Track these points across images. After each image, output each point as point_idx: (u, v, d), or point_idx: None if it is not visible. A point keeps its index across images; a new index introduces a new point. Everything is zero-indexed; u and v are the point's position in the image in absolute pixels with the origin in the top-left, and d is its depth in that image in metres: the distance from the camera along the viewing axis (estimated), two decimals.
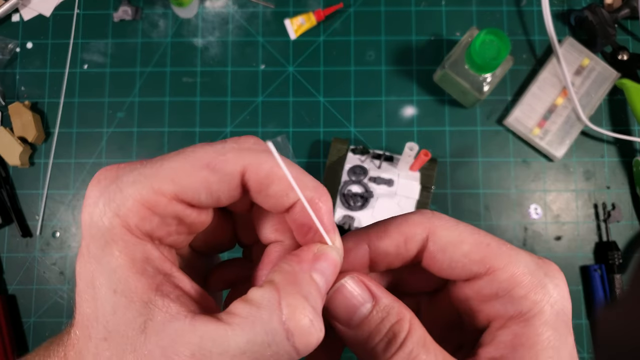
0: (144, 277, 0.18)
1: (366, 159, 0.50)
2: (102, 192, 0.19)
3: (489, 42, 0.47)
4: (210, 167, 0.18)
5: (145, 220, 0.19)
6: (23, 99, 0.56)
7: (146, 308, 0.18)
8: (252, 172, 0.19)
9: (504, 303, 0.20)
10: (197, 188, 0.19)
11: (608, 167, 0.55)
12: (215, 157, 0.19)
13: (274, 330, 0.17)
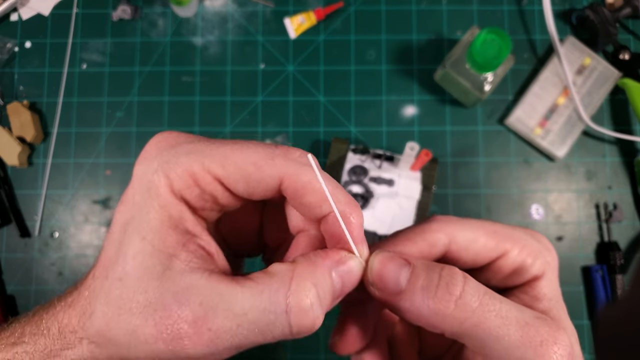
0: (175, 233, 0.20)
1: (366, 158, 0.50)
2: (159, 152, 0.21)
3: (490, 41, 0.47)
4: (256, 167, 0.21)
5: (188, 189, 0.20)
6: (21, 99, 0.56)
7: (168, 260, 0.20)
8: (290, 181, 0.21)
9: (520, 273, 0.24)
10: (238, 179, 0.21)
11: (610, 167, 0.55)
12: (263, 158, 0.21)
13: (277, 301, 0.19)
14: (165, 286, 0.19)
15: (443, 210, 0.54)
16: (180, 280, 0.19)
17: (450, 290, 0.20)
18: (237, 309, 0.19)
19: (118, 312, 0.20)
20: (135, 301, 0.19)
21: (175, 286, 0.19)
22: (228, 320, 0.19)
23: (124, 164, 0.55)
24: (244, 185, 0.21)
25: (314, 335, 0.51)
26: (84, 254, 0.54)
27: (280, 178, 0.21)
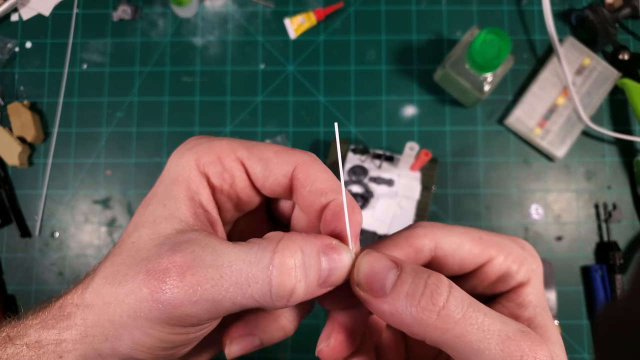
0: (190, 203, 0.22)
1: (366, 158, 0.50)
2: (194, 140, 0.24)
3: (489, 42, 0.47)
4: (276, 153, 0.23)
5: (211, 164, 0.23)
6: (22, 99, 0.56)
7: (180, 223, 0.22)
8: (303, 167, 0.23)
9: (505, 279, 0.24)
10: (257, 162, 0.23)
11: (609, 167, 0.55)
12: (282, 149, 0.23)
13: (263, 255, 0.20)
14: (166, 241, 0.21)
15: (443, 210, 0.54)
16: (182, 235, 0.21)
17: (434, 300, 0.20)
18: (224, 260, 0.20)
19: (117, 269, 0.21)
20: (139, 257, 0.21)
21: (176, 239, 0.21)
22: (212, 269, 0.19)
23: (124, 164, 0.55)
24: (262, 169, 0.23)
25: (314, 336, 0.51)
26: (84, 254, 0.54)
27: (294, 164, 0.23)
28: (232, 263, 0.20)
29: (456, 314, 0.19)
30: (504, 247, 0.25)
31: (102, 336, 0.21)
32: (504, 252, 0.24)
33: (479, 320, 0.19)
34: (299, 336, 0.53)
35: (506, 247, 0.25)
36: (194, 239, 0.21)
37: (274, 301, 0.20)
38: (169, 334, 0.20)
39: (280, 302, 0.20)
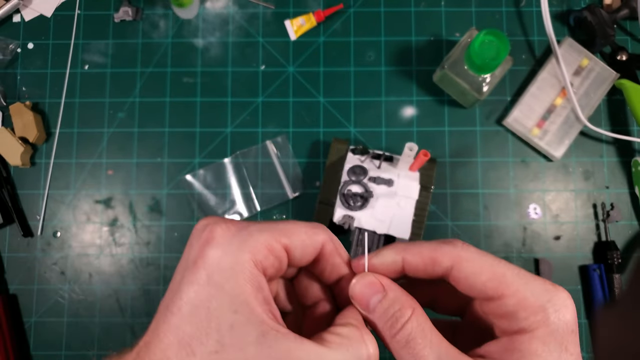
0: (260, 303, 0.24)
1: (366, 159, 0.50)
2: (234, 235, 0.25)
3: (488, 43, 0.47)
4: (308, 235, 0.27)
5: (266, 259, 0.25)
6: (24, 99, 0.57)
7: (261, 326, 0.23)
8: (329, 245, 0.27)
9: (510, 320, 0.26)
10: (297, 246, 0.26)
11: (607, 167, 0.55)
12: (311, 229, 0.27)
13: (361, 354, 0.25)
14: (264, 352, 0.23)
15: (442, 210, 0.54)
16: (276, 346, 0.23)
17: (394, 324, 0.26)
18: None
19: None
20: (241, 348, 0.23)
21: (273, 352, 0.23)
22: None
23: (125, 164, 0.56)
24: (300, 250, 0.27)
25: None
26: (85, 254, 0.55)
27: (322, 242, 0.27)
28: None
29: (403, 339, 0.26)
30: (524, 290, 0.26)
31: None
32: (519, 294, 0.26)
33: (415, 351, 0.26)
34: None
35: (527, 290, 0.26)
36: (292, 351, 0.23)
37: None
38: None
39: None
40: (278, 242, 0.26)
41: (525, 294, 0.26)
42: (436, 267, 0.27)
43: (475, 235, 0.54)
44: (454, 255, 0.27)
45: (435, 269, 0.27)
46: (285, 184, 0.54)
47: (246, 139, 0.56)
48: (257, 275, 0.25)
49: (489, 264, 0.27)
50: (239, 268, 0.24)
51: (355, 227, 0.49)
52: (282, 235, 0.26)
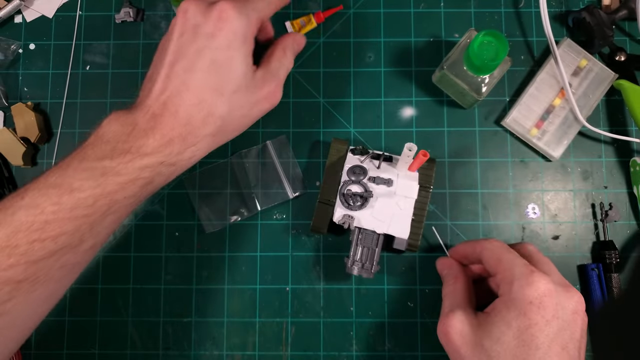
0: (250, 59, 0.40)
1: (365, 159, 0.51)
2: (241, 11, 0.38)
3: (487, 44, 0.48)
4: None
5: (256, 30, 0.40)
6: (26, 100, 0.57)
7: (251, 71, 0.40)
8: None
9: (498, 289, 0.42)
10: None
11: (605, 167, 0.55)
12: None
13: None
14: (268, 78, 0.42)
15: (441, 209, 0.54)
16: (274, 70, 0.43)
17: (446, 283, 0.48)
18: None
19: (236, 103, 0.39)
20: (244, 87, 0.39)
21: (274, 76, 0.43)
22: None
23: None
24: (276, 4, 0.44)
25: (314, 334, 0.52)
26: None
27: None
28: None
29: (445, 291, 0.47)
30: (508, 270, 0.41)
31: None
32: (503, 273, 0.42)
33: (446, 298, 0.46)
34: (299, 334, 0.53)
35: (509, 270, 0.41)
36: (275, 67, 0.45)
37: None
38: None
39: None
40: (265, 16, 0.41)
41: (507, 273, 0.40)
42: (476, 253, 0.45)
43: (474, 234, 0.54)
44: (482, 245, 0.45)
45: (476, 254, 0.45)
46: (285, 183, 0.55)
47: (246, 139, 0.56)
48: (252, 41, 0.40)
49: (497, 252, 0.43)
50: (247, 39, 0.38)
51: (355, 227, 0.49)
52: (267, 9, 0.41)
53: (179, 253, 0.55)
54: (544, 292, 0.38)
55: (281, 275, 0.54)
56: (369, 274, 0.49)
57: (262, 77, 0.41)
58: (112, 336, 0.54)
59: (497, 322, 0.39)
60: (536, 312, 0.38)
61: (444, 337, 0.42)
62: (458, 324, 0.41)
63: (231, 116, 0.39)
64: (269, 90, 0.41)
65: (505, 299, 0.39)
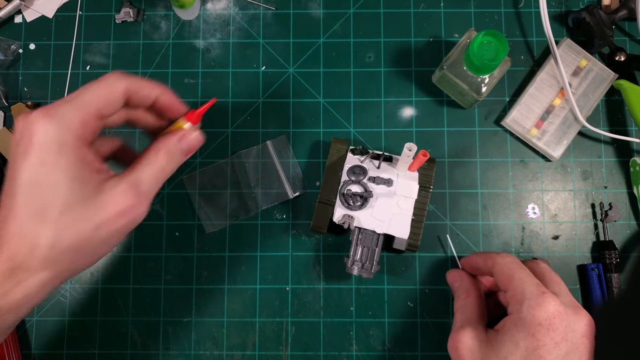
0: (87, 167, 0.33)
1: (365, 159, 0.51)
2: (51, 123, 0.32)
3: (487, 44, 0.48)
4: (110, 91, 0.35)
5: (84, 130, 0.33)
6: (26, 100, 0.57)
7: (92, 183, 0.33)
8: (131, 84, 0.36)
9: (508, 306, 0.42)
10: (105, 106, 0.34)
11: (605, 167, 0.55)
12: (108, 86, 0.35)
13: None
14: (99, 195, 0.33)
15: (441, 210, 0.54)
16: (106, 187, 0.33)
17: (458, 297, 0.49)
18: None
19: (67, 227, 0.31)
20: (75, 205, 0.32)
21: (105, 193, 0.33)
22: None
23: None
24: (111, 107, 0.35)
25: (314, 333, 0.52)
26: None
27: (124, 89, 0.35)
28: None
29: (456, 305, 0.48)
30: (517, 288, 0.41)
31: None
32: (512, 291, 0.42)
33: (458, 312, 0.47)
34: (299, 334, 0.53)
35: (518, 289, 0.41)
36: (109, 183, 0.35)
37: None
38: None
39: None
40: (89, 114, 0.33)
41: (517, 291, 0.41)
42: (488, 266, 0.46)
43: (474, 234, 0.54)
44: (494, 259, 0.45)
45: (487, 267, 0.46)
46: (285, 183, 0.55)
47: (247, 139, 0.56)
48: (80, 147, 0.32)
49: (508, 269, 0.43)
50: (65, 148, 0.31)
51: (355, 227, 0.49)
52: (90, 106, 0.33)
53: (179, 253, 0.55)
54: (553, 314, 0.38)
55: (281, 275, 0.54)
56: (369, 274, 0.49)
57: (111, 189, 0.33)
58: (112, 336, 0.54)
59: (506, 342, 0.39)
60: (545, 334, 0.38)
61: (453, 352, 0.43)
62: (468, 341, 0.42)
63: (65, 244, 0.31)
64: (124, 204, 0.33)
65: (514, 318, 0.40)
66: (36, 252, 0.31)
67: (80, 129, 0.32)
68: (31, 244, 0.31)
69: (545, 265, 0.46)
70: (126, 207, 0.33)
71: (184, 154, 0.37)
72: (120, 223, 0.33)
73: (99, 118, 0.34)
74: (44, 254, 0.31)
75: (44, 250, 0.31)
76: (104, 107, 0.34)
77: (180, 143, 0.37)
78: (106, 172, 0.35)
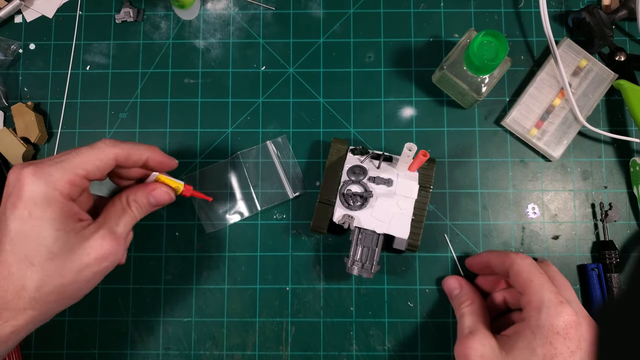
0: (73, 219, 0.36)
1: (365, 159, 0.51)
2: (40, 179, 0.35)
3: (487, 44, 0.48)
4: (99, 158, 0.39)
5: (71, 188, 0.36)
6: (26, 100, 0.57)
7: (77, 234, 0.36)
8: (120, 153, 0.40)
9: (523, 311, 0.43)
10: (93, 170, 0.38)
11: (605, 167, 0.55)
12: (99, 153, 0.39)
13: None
14: (83, 246, 0.37)
15: (441, 209, 0.55)
16: (89, 237, 0.37)
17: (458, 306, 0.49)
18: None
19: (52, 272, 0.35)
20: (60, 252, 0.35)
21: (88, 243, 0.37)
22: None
23: None
24: (99, 172, 0.39)
25: (314, 333, 0.52)
26: None
27: (114, 158, 0.39)
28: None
29: (459, 314, 0.48)
30: (534, 293, 0.42)
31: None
32: (528, 295, 0.42)
33: (461, 321, 0.47)
34: (299, 334, 0.53)
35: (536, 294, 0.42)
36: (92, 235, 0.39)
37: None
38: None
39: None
40: (77, 175, 0.36)
41: (535, 297, 0.41)
42: (504, 265, 0.45)
43: (474, 234, 0.54)
44: (512, 259, 0.45)
45: (504, 266, 0.45)
46: (285, 183, 0.55)
47: (247, 139, 0.56)
48: (65, 202, 0.36)
49: (527, 271, 0.43)
50: (51, 203, 0.35)
51: (355, 227, 0.49)
52: (78, 170, 0.37)
53: (179, 253, 0.55)
54: (570, 324, 0.40)
55: (281, 275, 0.54)
56: (369, 274, 0.49)
57: (91, 235, 0.37)
58: (112, 336, 0.54)
59: (522, 348, 0.40)
60: (562, 343, 0.39)
61: (462, 359, 0.42)
62: (479, 346, 0.41)
63: (51, 286, 0.35)
64: (103, 250, 0.37)
65: (531, 325, 0.40)
66: (23, 293, 0.35)
67: (66, 189, 0.36)
68: (19, 286, 0.35)
69: (554, 268, 0.47)
70: (106, 251, 0.37)
71: (152, 207, 0.42)
72: (103, 265, 0.37)
73: (86, 179, 0.38)
74: (30, 295, 0.35)
75: (31, 292, 0.35)
76: (92, 173, 0.38)
77: (149, 197, 0.42)
78: (88, 220, 0.38)
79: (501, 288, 0.49)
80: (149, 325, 0.54)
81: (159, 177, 0.43)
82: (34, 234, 0.35)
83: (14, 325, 0.35)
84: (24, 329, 0.36)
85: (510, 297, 0.48)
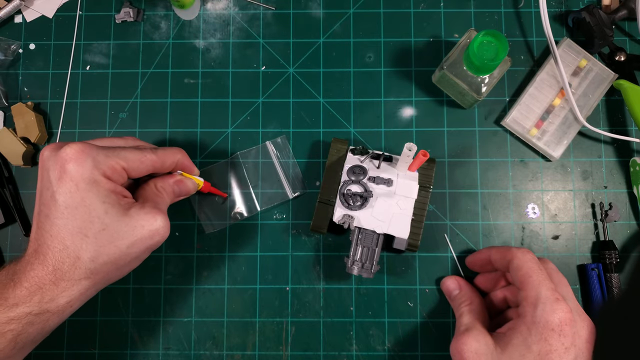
0: (118, 195, 0.39)
1: (365, 159, 0.51)
2: (86, 158, 0.37)
3: (487, 44, 0.48)
4: (141, 160, 0.41)
5: (112, 174, 0.38)
6: (26, 100, 0.57)
7: (123, 207, 0.38)
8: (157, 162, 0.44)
9: (520, 307, 0.43)
10: (133, 167, 0.41)
11: (605, 167, 0.55)
12: (143, 156, 0.41)
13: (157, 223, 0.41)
14: (131, 218, 0.39)
15: (441, 209, 0.55)
16: (134, 212, 0.39)
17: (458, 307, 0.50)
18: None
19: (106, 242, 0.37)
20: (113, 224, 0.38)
21: (133, 217, 0.39)
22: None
23: None
24: (136, 171, 0.42)
25: (314, 333, 0.52)
26: None
27: (152, 165, 0.43)
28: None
29: (458, 313, 0.48)
30: (532, 288, 0.42)
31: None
32: (527, 290, 0.42)
33: (460, 320, 0.47)
34: (299, 334, 0.53)
35: (533, 289, 0.42)
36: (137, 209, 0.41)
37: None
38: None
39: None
40: (118, 164, 0.39)
41: (532, 293, 0.41)
42: (505, 259, 0.45)
43: (473, 234, 0.54)
44: (514, 253, 0.45)
45: (505, 260, 0.46)
46: (285, 183, 0.55)
47: (247, 139, 0.56)
48: (108, 180, 0.38)
49: (527, 266, 0.43)
50: (96, 179, 0.37)
51: (355, 227, 0.49)
52: (122, 160, 0.39)
53: (179, 253, 0.55)
54: (565, 321, 0.40)
55: (281, 275, 0.54)
56: (369, 273, 0.49)
57: (140, 210, 0.39)
58: (112, 336, 0.54)
59: (517, 344, 0.40)
60: (557, 339, 0.39)
61: (457, 356, 0.43)
62: (473, 343, 0.42)
63: (105, 257, 0.37)
64: (157, 224, 0.39)
65: (527, 321, 0.41)
66: (79, 264, 0.37)
67: (109, 171, 0.38)
68: (74, 257, 0.36)
69: (552, 265, 0.46)
70: (159, 225, 0.39)
71: (176, 196, 0.46)
72: (155, 239, 0.39)
73: (125, 172, 0.40)
74: (86, 266, 0.37)
75: (86, 262, 0.37)
76: (131, 168, 0.40)
77: (174, 186, 0.45)
78: (130, 198, 0.40)
79: (501, 286, 0.49)
80: (149, 325, 0.54)
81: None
82: (85, 206, 0.36)
83: (69, 295, 0.37)
84: (78, 300, 0.38)
85: (511, 294, 0.48)
